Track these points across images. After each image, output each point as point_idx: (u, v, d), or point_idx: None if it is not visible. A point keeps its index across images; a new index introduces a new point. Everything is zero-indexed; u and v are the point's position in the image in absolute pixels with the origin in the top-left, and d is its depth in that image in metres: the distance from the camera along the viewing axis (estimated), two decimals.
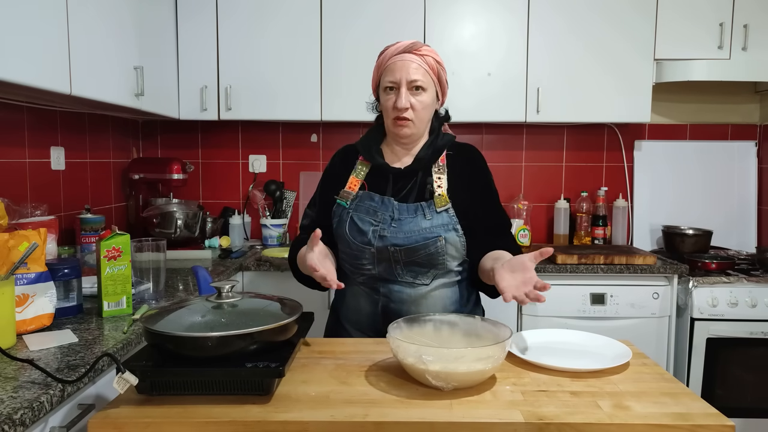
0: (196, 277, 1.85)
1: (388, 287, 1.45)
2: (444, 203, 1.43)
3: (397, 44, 1.43)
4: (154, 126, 3.06)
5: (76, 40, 1.74)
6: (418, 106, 1.41)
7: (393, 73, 1.41)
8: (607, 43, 2.67)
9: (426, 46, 1.43)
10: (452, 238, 1.42)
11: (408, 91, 1.40)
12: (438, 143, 1.49)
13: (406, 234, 1.41)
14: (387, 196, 1.46)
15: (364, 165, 1.51)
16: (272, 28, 2.66)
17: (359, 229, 1.43)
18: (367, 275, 1.47)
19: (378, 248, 1.42)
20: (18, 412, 0.93)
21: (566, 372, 1.10)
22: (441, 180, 1.46)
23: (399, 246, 1.40)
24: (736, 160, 3.04)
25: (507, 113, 2.71)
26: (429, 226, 1.41)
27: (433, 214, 1.42)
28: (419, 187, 1.46)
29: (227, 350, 0.97)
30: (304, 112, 2.70)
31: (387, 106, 1.43)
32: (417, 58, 1.40)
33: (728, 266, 2.54)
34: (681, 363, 2.48)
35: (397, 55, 1.41)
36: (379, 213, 1.43)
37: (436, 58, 1.44)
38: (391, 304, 1.45)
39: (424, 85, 1.41)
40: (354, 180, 1.49)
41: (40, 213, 1.83)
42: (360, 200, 1.46)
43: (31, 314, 1.35)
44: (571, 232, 3.03)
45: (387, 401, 0.97)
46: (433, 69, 1.42)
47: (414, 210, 1.43)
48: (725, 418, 0.91)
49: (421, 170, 1.48)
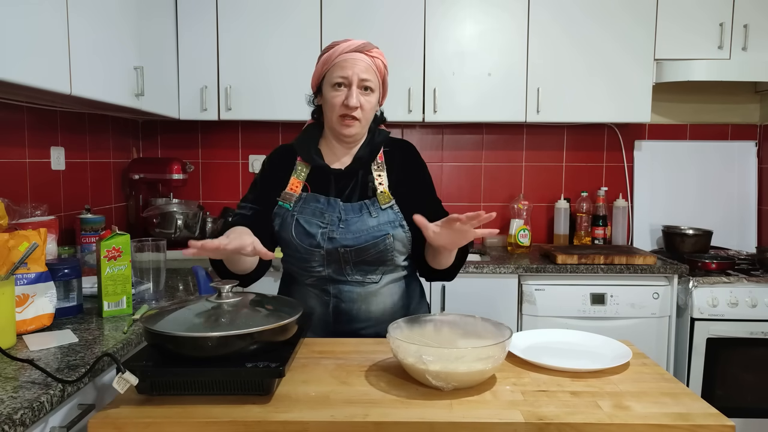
0: (196, 277, 1.86)
1: (338, 287, 1.44)
2: (387, 200, 1.44)
3: (349, 42, 1.41)
4: (154, 126, 3.06)
5: (76, 40, 1.74)
6: (366, 106, 1.41)
7: (344, 69, 1.39)
8: (607, 43, 2.67)
9: (376, 48, 1.43)
10: (399, 235, 1.42)
11: (358, 90, 1.39)
12: (375, 140, 1.49)
13: (355, 234, 1.40)
14: (331, 196, 1.44)
15: (304, 166, 1.49)
16: (273, 28, 2.66)
17: (306, 231, 1.41)
18: (316, 277, 1.45)
19: (327, 250, 1.40)
20: (18, 412, 0.93)
21: (566, 372, 1.10)
22: (381, 177, 1.47)
23: (349, 246, 1.40)
24: (736, 160, 3.04)
25: (507, 113, 2.71)
26: (376, 224, 1.41)
27: (379, 211, 1.42)
28: (361, 185, 1.46)
29: (227, 350, 0.97)
30: (304, 112, 2.63)
31: (334, 102, 1.41)
32: (367, 58, 1.40)
33: (728, 266, 2.54)
34: (681, 363, 2.48)
35: (348, 53, 1.40)
36: (326, 214, 1.42)
37: (384, 61, 1.45)
38: (342, 304, 1.44)
39: (373, 86, 1.41)
40: (295, 181, 1.47)
41: (40, 213, 1.83)
42: (305, 202, 1.44)
43: (32, 314, 1.35)
44: (571, 232, 3.03)
45: (387, 401, 0.97)
46: (380, 72, 1.43)
47: (359, 209, 1.42)
48: (725, 418, 0.91)
49: (361, 169, 1.48)
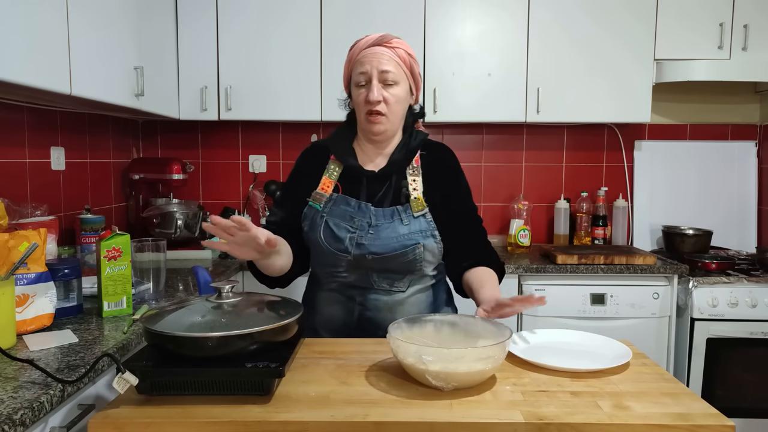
0: (196, 277, 1.85)
1: (364, 295, 1.41)
2: (421, 207, 1.39)
3: (367, 37, 1.38)
4: (154, 126, 3.06)
5: (76, 40, 1.74)
6: (391, 100, 1.35)
7: (363, 65, 1.35)
8: (607, 43, 2.67)
9: (397, 38, 1.37)
10: (430, 245, 1.38)
11: (380, 84, 1.34)
12: (411, 144, 1.44)
13: (384, 241, 1.36)
14: (361, 199, 1.40)
15: (336, 165, 1.44)
16: (273, 28, 2.65)
17: (335, 235, 1.37)
18: (340, 282, 1.42)
19: (355, 256, 1.36)
20: (18, 412, 0.93)
21: (566, 372, 1.10)
22: (416, 182, 1.41)
23: (377, 254, 1.36)
24: (736, 160, 3.04)
25: (507, 113, 2.70)
26: (407, 232, 1.36)
27: (410, 219, 1.37)
28: (394, 190, 1.41)
29: (227, 350, 0.97)
30: (304, 112, 2.70)
31: (359, 101, 1.38)
32: (387, 50, 1.35)
33: (728, 266, 2.54)
34: (681, 363, 2.48)
35: (367, 48, 1.36)
36: (356, 219, 1.37)
37: (408, 50, 1.38)
38: (367, 312, 1.41)
39: (396, 77, 1.35)
40: (327, 181, 1.43)
41: (40, 213, 1.83)
42: (335, 204, 1.40)
43: (32, 314, 1.35)
44: (571, 232, 3.02)
45: (387, 401, 0.97)
46: (405, 61, 1.37)
47: (390, 215, 1.38)
48: (725, 419, 0.91)
49: (395, 173, 1.42)
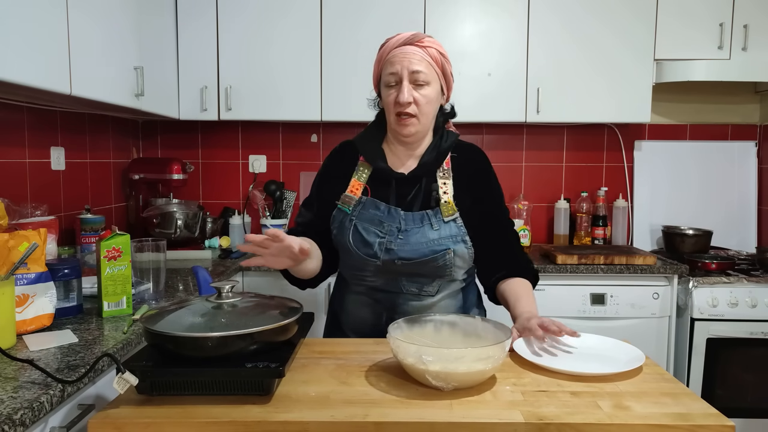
0: (196, 277, 1.85)
1: (392, 300, 1.39)
2: (451, 212, 1.36)
3: (398, 36, 1.34)
4: (154, 126, 3.06)
5: (76, 40, 1.74)
6: (421, 101, 1.32)
7: (393, 65, 1.32)
8: (607, 44, 2.67)
9: (429, 37, 1.34)
10: (461, 250, 1.35)
11: (410, 85, 1.31)
12: (442, 145, 1.41)
13: (413, 247, 1.33)
14: (390, 203, 1.37)
15: (365, 167, 1.42)
16: (273, 28, 2.65)
17: (364, 240, 1.35)
18: (368, 286, 1.40)
19: (384, 261, 1.34)
20: (18, 412, 0.93)
21: (578, 376, 1.06)
22: (447, 186, 1.38)
23: (406, 260, 1.34)
24: (736, 160, 3.03)
25: (507, 113, 2.70)
26: (437, 237, 1.34)
27: (441, 224, 1.35)
28: (424, 193, 1.38)
29: (227, 350, 0.97)
30: (304, 112, 2.70)
31: (389, 101, 1.34)
32: (419, 49, 1.31)
33: (728, 266, 2.54)
34: (681, 363, 2.48)
35: (397, 48, 1.32)
36: (386, 224, 1.35)
37: (440, 49, 1.34)
38: (396, 317, 1.37)
39: (427, 78, 1.31)
40: (355, 183, 1.40)
41: (40, 213, 1.83)
42: (364, 207, 1.38)
43: (31, 314, 1.35)
44: (571, 232, 3.02)
45: (387, 401, 0.97)
46: (436, 61, 1.33)
47: (420, 219, 1.35)
48: (725, 419, 0.91)
49: (426, 176, 1.40)
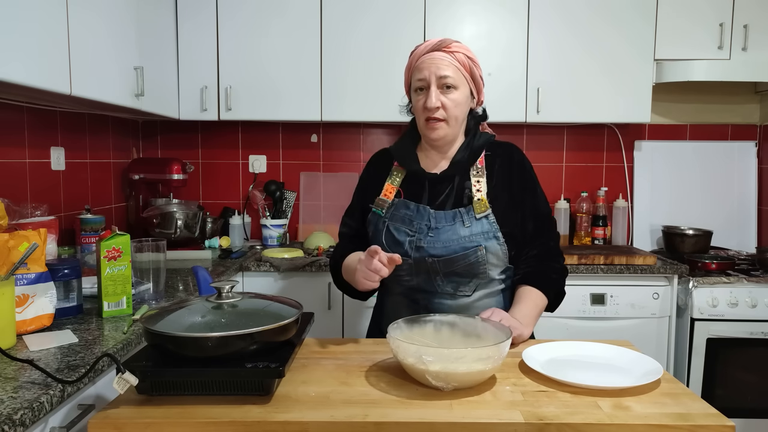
0: (196, 277, 1.85)
1: (429, 300, 1.40)
2: (484, 209, 1.36)
3: (426, 43, 1.38)
4: (154, 126, 3.06)
5: (76, 40, 1.74)
6: (449, 105, 1.35)
7: (421, 71, 1.35)
8: (607, 44, 2.67)
9: (456, 42, 1.37)
10: (493, 247, 1.35)
11: (438, 90, 1.34)
12: (475, 144, 1.42)
13: (444, 244, 1.35)
14: (423, 203, 1.39)
15: (399, 171, 1.46)
16: (273, 28, 2.65)
17: (395, 239, 1.38)
18: (405, 286, 1.41)
19: (415, 259, 1.36)
20: (18, 412, 0.93)
21: (593, 390, 1.02)
22: (480, 183, 1.39)
23: (437, 257, 1.35)
24: (736, 160, 3.03)
25: (507, 113, 2.70)
26: (468, 234, 1.34)
27: (472, 221, 1.35)
28: (456, 192, 1.40)
29: (227, 350, 0.97)
30: (304, 113, 2.70)
31: (418, 107, 1.38)
32: (446, 55, 1.34)
33: (728, 266, 2.54)
34: (681, 363, 2.48)
35: (426, 54, 1.36)
36: (415, 222, 1.38)
37: (468, 54, 1.37)
38: None
39: (455, 82, 1.35)
40: (389, 187, 1.44)
41: (40, 213, 1.82)
42: (395, 208, 1.41)
43: (31, 314, 1.35)
44: (571, 232, 3.02)
45: (387, 401, 0.97)
46: (464, 65, 1.36)
47: (452, 217, 1.36)
48: (725, 419, 0.91)
49: (458, 174, 1.41)
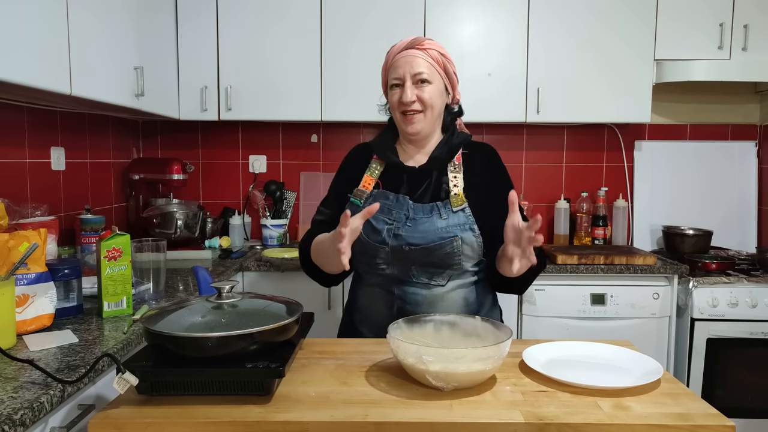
0: (196, 277, 1.85)
1: (403, 289, 1.43)
2: (460, 202, 1.41)
3: (400, 42, 1.44)
4: (154, 126, 3.06)
5: (76, 40, 1.74)
6: (424, 97, 1.40)
7: (396, 69, 1.42)
8: (607, 44, 2.67)
9: (429, 40, 1.43)
10: (469, 239, 1.39)
11: (413, 85, 1.40)
12: (453, 141, 1.47)
13: (422, 234, 1.38)
14: (401, 194, 1.44)
15: (378, 164, 1.50)
16: (273, 28, 2.66)
17: (373, 227, 1.41)
18: (381, 276, 1.44)
19: (392, 247, 1.39)
20: (18, 412, 0.93)
21: (593, 390, 1.02)
22: (457, 179, 1.44)
23: (414, 245, 1.38)
24: (736, 160, 3.04)
25: (507, 113, 2.70)
26: (445, 225, 1.39)
27: (449, 213, 1.40)
28: (434, 186, 1.44)
29: (227, 350, 0.97)
30: (304, 113, 2.70)
31: (393, 101, 1.44)
32: (420, 52, 1.41)
33: (728, 266, 2.54)
34: (681, 363, 2.48)
35: (400, 53, 1.42)
36: (394, 211, 1.41)
37: (440, 50, 1.43)
38: (407, 306, 1.42)
39: (429, 77, 1.40)
40: (368, 179, 1.48)
41: (41, 213, 1.83)
42: (374, 199, 1.43)
43: (31, 314, 1.35)
44: (571, 232, 3.02)
45: (387, 401, 0.97)
46: (437, 62, 1.42)
47: (429, 210, 1.41)
48: (725, 419, 0.91)
49: (436, 169, 1.46)
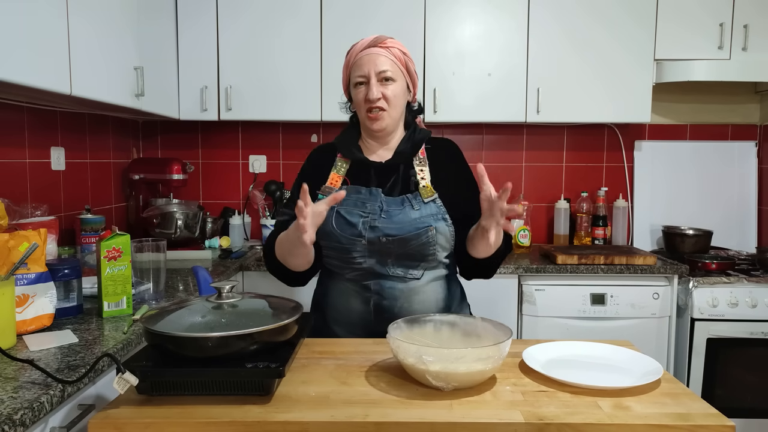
0: (196, 277, 1.85)
1: (380, 283, 1.43)
2: (430, 194, 1.43)
3: (362, 41, 1.45)
4: (154, 126, 3.06)
5: (76, 40, 1.74)
6: (389, 95, 1.42)
7: (361, 67, 1.43)
8: (607, 44, 2.67)
9: (391, 38, 1.45)
10: (442, 228, 1.41)
11: (378, 83, 1.41)
12: (416, 137, 1.50)
13: (398, 225, 1.39)
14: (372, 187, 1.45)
15: (343, 162, 1.50)
16: (273, 28, 2.65)
17: (348, 221, 1.41)
18: (357, 271, 1.43)
19: (369, 239, 1.39)
20: (18, 412, 0.93)
21: (593, 390, 1.02)
22: (423, 172, 1.47)
23: (391, 236, 1.39)
24: (736, 160, 3.04)
25: (507, 113, 2.70)
26: (419, 216, 1.40)
27: (421, 204, 1.42)
28: (403, 179, 1.46)
29: (227, 350, 0.97)
30: (304, 112, 2.70)
31: (358, 100, 1.45)
32: (383, 50, 1.42)
33: (728, 266, 2.54)
34: (681, 363, 2.48)
35: (363, 51, 1.43)
36: (368, 204, 1.42)
37: (402, 49, 1.46)
38: (384, 301, 1.42)
39: (393, 75, 1.42)
40: (335, 176, 1.48)
41: (41, 213, 1.83)
42: (346, 193, 1.44)
43: (32, 314, 1.35)
44: (571, 232, 3.02)
45: (387, 401, 0.97)
46: (399, 60, 1.44)
47: (401, 202, 1.42)
48: (725, 419, 0.91)
49: (403, 163, 1.48)
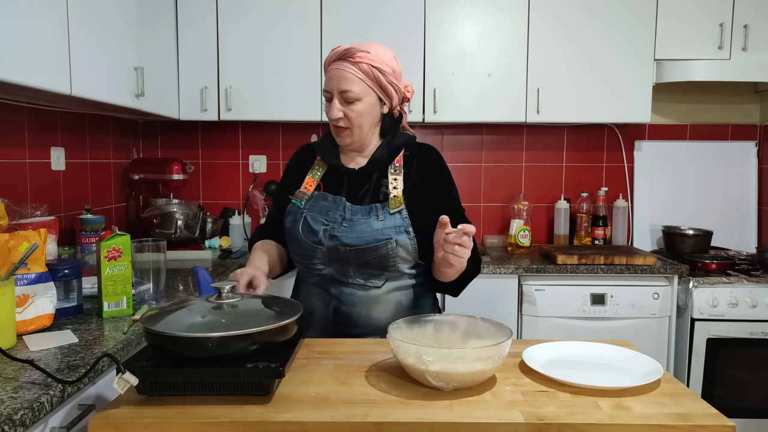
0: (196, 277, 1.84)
1: (340, 289, 1.43)
2: (398, 204, 1.41)
3: (334, 50, 1.40)
4: (154, 126, 3.06)
5: (76, 40, 1.74)
6: (351, 115, 1.39)
7: (328, 82, 1.40)
8: (607, 44, 2.67)
9: (364, 51, 1.37)
10: (403, 241, 1.40)
11: (341, 101, 1.38)
12: (394, 143, 1.46)
13: (358, 235, 1.39)
14: (340, 196, 1.44)
15: (321, 166, 1.50)
16: (273, 28, 2.66)
17: (311, 228, 1.42)
18: (319, 276, 1.45)
19: (328, 248, 1.40)
20: (18, 412, 0.93)
21: (593, 390, 1.02)
22: (397, 181, 1.45)
23: (349, 246, 1.39)
24: (737, 160, 3.04)
25: (507, 113, 2.71)
26: (381, 227, 1.39)
27: (386, 215, 1.40)
28: (374, 188, 1.45)
29: (227, 351, 0.97)
30: (304, 113, 2.70)
31: (326, 113, 1.43)
32: (350, 66, 1.36)
33: (728, 266, 2.54)
34: (681, 363, 2.48)
35: (333, 62, 1.39)
36: (331, 213, 1.42)
37: (372, 63, 1.37)
38: (342, 306, 1.43)
39: (357, 95, 1.37)
40: (310, 180, 1.49)
41: (41, 213, 1.83)
42: (314, 200, 1.45)
43: (32, 315, 1.35)
44: (571, 232, 3.03)
45: (387, 401, 0.97)
46: (368, 75, 1.37)
47: (368, 211, 1.41)
48: (725, 419, 0.91)
49: (377, 171, 1.46)
